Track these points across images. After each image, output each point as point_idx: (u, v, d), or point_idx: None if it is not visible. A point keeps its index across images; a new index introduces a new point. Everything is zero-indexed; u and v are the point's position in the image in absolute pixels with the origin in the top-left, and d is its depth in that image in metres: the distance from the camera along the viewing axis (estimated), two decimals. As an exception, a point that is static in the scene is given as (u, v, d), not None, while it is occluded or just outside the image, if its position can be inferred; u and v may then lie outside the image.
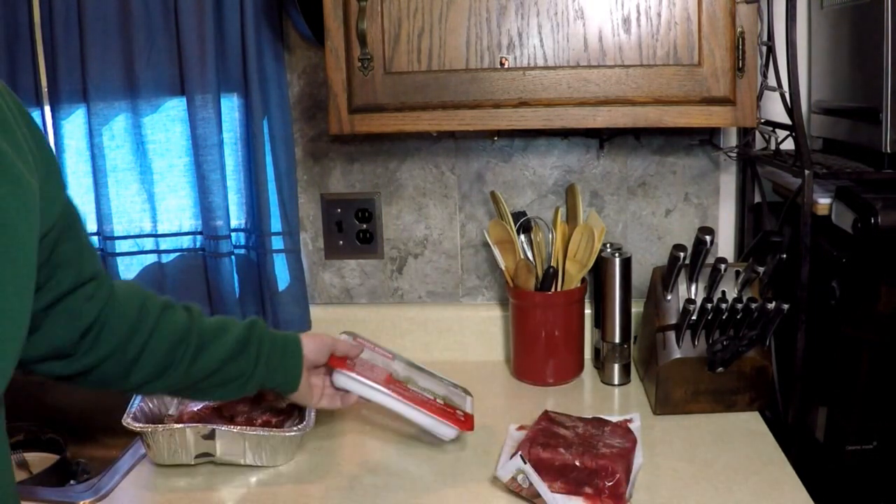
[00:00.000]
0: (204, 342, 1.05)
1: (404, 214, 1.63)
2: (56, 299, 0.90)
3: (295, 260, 1.60)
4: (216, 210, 1.54)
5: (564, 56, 1.21)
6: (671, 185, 1.57)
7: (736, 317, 1.22)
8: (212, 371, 1.06)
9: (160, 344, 1.01)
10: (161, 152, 1.58)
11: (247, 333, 1.09)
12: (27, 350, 0.85)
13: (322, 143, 1.61)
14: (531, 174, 1.59)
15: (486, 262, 1.64)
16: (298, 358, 1.14)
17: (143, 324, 1.00)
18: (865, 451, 1.23)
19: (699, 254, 1.26)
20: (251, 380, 1.10)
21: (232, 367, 1.07)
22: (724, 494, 1.09)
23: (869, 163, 1.21)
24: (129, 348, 0.99)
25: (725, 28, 1.17)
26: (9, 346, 0.69)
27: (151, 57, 1.51)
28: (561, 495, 1.08)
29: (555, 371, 1.47)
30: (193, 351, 1.04)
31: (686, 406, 1.31)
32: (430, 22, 1.21)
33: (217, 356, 1.06)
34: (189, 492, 1.15)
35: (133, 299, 1.01)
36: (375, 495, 1.13)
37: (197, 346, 1.04)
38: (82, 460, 1.56)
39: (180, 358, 1.03)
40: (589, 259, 1.43)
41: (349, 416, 1.39)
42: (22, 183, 0.71)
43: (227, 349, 1.06)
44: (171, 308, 1.05)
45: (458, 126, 1.25)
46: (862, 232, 1.13)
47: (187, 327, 1.04)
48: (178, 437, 1.18)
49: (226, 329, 1.08)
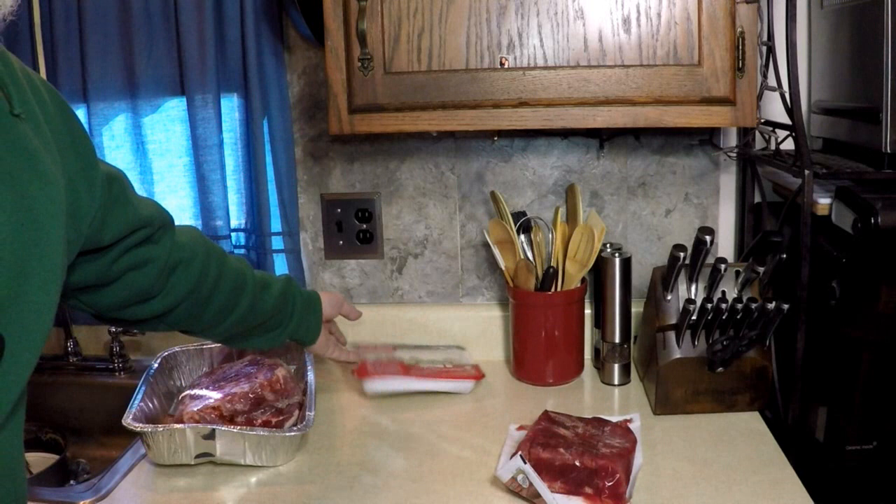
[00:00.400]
0: (258, 290, 1.16)
1: (404, 214, 1.63)
2: (120, 254, 0.96)
3: (295, 260, 1.60)
4: (216, 210, 1.55)
5: (564, 56, 1.21)
6: (671, 185, 1.57)
7: (736, 317, 1.22)
8: (264, 318, 1.19)
9: (226, 285, 1.11)
10: (161, 152, 1.58)
11: (286, 287, 1.22)
12: (109, 298, 0.97)
13: (322, 143, 1.61)
14: (531, 174, 1.59)
15: (486, 262, 1.63)
16: (319, 313, 1.29)
17: (211, 266, 1.09)
18: (865, 451, 1.23)
19: (699, 254, 1.26)
20: (286, 330, 1.24)
21: (276, 317, 1.21)
22: (724, 494, 1.09)
23: (869, 163, 1.21)
24: (203, 288, 1.08)
25: (725, 28, 1.17)
26: (33, 338, 0.72)
27: (151, 57, 1.51)
28: (561, 495, 1.08)
29: (555, 371, 1.47)
30: (251, 297, 1.15)
31: (686, 406, 1.31)
32: (430, 22, 1.21)
33: (268, 304, 1.18)
34: (189, 492, 1.15)
35: (197, 244, 1.08)
36: (375, 495, 1.13)
37: (253, 293, 1.15)
38: (82, 460, 1.56)
39: (240, 302, 1.14)
40: (589, 259, 1.43)
41: (349, 416, 1.40)
42: (51, 180, 0.74)
43: (274, 299, 1.19)
44: (227, 255, 1.14)
45: (458, 126, 1.25)
46: (862, 232, 1.13)
47: (244, 274, 1.15)
48: (178, 437, 1.18)
49: (270, 281, 1.20)
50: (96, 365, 1.64)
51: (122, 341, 1.62)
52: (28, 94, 0.77)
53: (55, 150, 0.78)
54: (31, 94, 0.77)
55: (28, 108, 0.75)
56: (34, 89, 0.79)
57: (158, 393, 1.35)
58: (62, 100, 0.84)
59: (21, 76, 0.77)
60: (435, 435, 1.30)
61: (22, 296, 0.70)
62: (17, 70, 0.77)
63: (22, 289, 0.69)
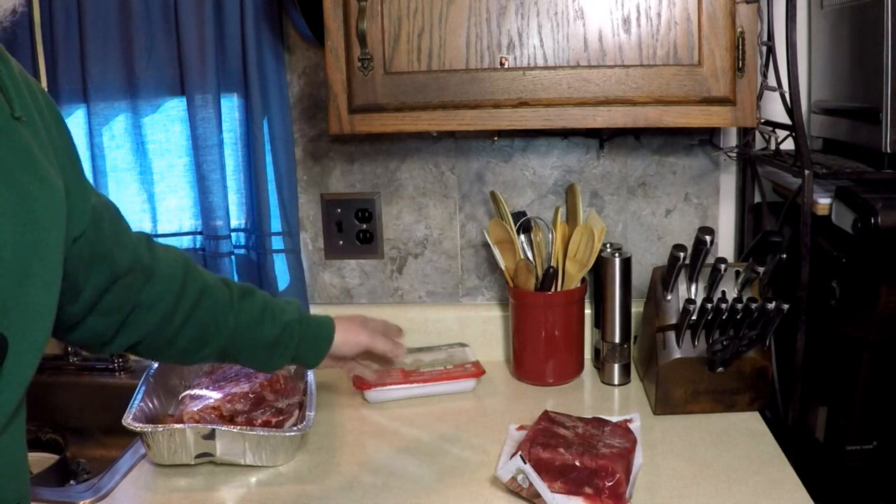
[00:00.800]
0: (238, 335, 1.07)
1: (404, 214, 1.63)
2: (97, 298, 0.92)
3: (295, 260, 1.60)
4: (216, 210, 1.54)
5: (564, 56, 1.21)
6: (671, 185, 1.57)
7: (736, 317, 1.22)
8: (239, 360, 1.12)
9: (194, 328, 1.04)
10: (161, 152, 1.58)
11: (280, 336, 1.11)
12: (66, 335, 0.92)
13: (322, 143, 1.61)
14: (531, 174, 1.59)
15: (486, 262, 1.63)
16: (325, 349, 1.17)
17: (181, 308, 1.02)
18: (865, 451, 1.23)
19: (699, 254, 1.26)
20: (273, 366, 1.15)
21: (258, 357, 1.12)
22: (724, 494, 1.09)
23: (869, 163, 1.21)
24: (166, 330, 1.02)
25: (725, 28, 1.17)
26: (35, 339, 0.72)
27: (151, 57, 1.51)
28: (561, 495, 1.08)
29: (555, 371, 1.47)
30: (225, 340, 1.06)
31: (686, 406, 1.31)
32: (430, 22, 1.21)
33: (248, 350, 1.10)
34: (189, 492, 1.15)
35: (173, 283, 1.01)
36: (375, 495, 1.13)
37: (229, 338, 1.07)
38: (82, 460, 1.55)
39: (212, 341, 1.06)
40: (589, 259, 1.43)
41: (349, 415, 1.40)
42: (51, 183, 0.75)
43: (255, 348, 1.10)
44: (211, 292, 1.05)
45: (458, 126, 1.25)
46: (862, 232, 1.13)
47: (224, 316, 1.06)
48: (178, 437, 1.18)
49: (262, 326, 1.09)
50: (96, 365, 1.64)
51: (122, 341, 1.62)
52: (27, 97, 0.77)
53: (52, 155, 0.78)
54: (30, 99, 0.78)
55: (28, 112, 0.76)
56: (32, 94, 0.79)
57: (158, 393, 1.35)
58: (57, 108, 0.85)
59: (20, 80, 0.78)
60: (435, 435, 1.30)
61: (24, 297, 0.70)
62: (16, 73, 0.78)
63: (24, 290, 0.70)
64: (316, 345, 1.16)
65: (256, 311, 1.09)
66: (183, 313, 1.02)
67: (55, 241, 0.74)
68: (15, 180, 0.70)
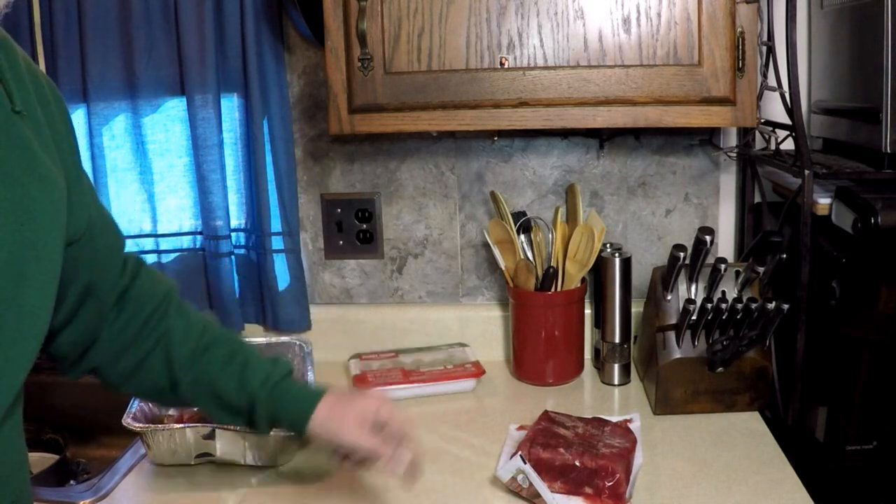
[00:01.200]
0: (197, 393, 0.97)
1: (404, 214, 1.63)
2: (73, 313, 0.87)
3: (295, 260, 1.60)
4: (216, 210, 1.54)
5: (564, 56, 1.21)
6: (671, 185, 1.56)
7: (736, 317, 1.22)
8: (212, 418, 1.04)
9: (149, 376, 0.96)
10: (161, 152, 1.58)
11: (245, 405, 0.98)
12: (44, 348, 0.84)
13: (322, 143, 1.61)
14: (531, 174, 1.59)
15: (486, 262, 1.63)
16: (299, 431, 1.00)
17: (138, 347, 0.94)
18: (865, 451, 1.23)
19: (699, 254, 1.26)
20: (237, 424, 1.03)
21: (222, 417, 1.02)
22: (724, 494, 1.09)
23: (869, 163, 1.21)
24: (119, 367, 0.95)
25: (725, 28, 1.17)
26: (28, 342, 0.71)
27: (151, 57, 1.51)
28: (561, 495, 1.08)
29: (555, 371, 1.47)
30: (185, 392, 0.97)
31: (686, 406, 1.31)
32: (430, 22, 1.21)
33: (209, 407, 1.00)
34: (189, 492, 1.15)
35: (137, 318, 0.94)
36: (375, 495, 1.13)
37: (188, 391, 0.97)
38: (82, 460, 1.55)
39: (167, 393, 0.97)
40: (589, 259, 1.43)
41: (349, 416, 1.39)
42: (52, 181, 0.72)
43: (217, 411, 0.99)
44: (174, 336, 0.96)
45: (458, 126, 1.25)
46: (862, 232, 1.13)
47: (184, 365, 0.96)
48: (178, 437, 1.18)
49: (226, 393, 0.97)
50: (96, 365, 1.63)
51: (122, 341, 1.62)
52: (30, 90, 0.74)
53: (55, 151, 0.76)
54: (34, 91, 0.75)
55: (29, 106, 0.73)
56: (38, 86, 0.76)
57: (158, 393, 1.35)
58: (65, 103, 0.82)
59: (24, 71, 0.74)
60: (435, 435, 1.30)
61: (18, 299, 0.68)
62: (20, 64, 0.74)
63: (19, 292, 0.68)
64: (291, 420, 1.00)
65: (216, 365, 0.97)
66: (138, 354, 0.95)
67: (53, 242, 0.73)
68: (13, 179, 0.68)
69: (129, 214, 1.60)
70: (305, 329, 1.63)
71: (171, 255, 1.63)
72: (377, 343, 1.62)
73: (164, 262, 1.63)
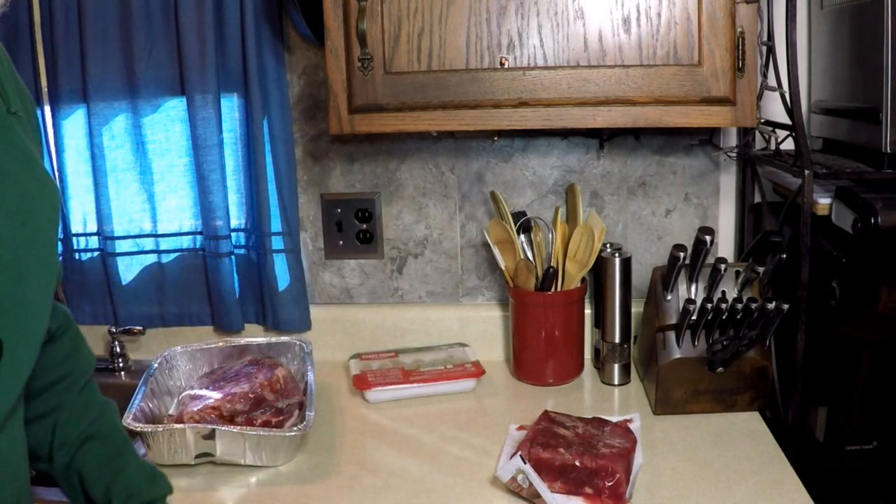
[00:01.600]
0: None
1: (404, 214, 1.63)
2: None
3: (295, 260, 1.60)
4: (216, 210, 1.54)
5: (564, 56, 1.21)
6: (671, 185, 1.57)
7: (736, 317, 1.22)
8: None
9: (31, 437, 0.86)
10: (161, 152, 1.58)
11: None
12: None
13: (322, 143, 1.61)
14: (531, 174, 1.59)
15: (486, 262, 1.63)
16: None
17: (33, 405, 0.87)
18: (865, 451, 1.23)
19: (699, 254, 1.26)
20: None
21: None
22: (724, 494, 1.09)
23: (869, 163, 1.21)
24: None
25: (725, 28, 1.17)
26: (31, 339, 0.72)
27: (151, 57, 1.51)
28: (561, 495, 1.08)
29: (555, 371, 1.47)
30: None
31: (686, 406, 1.31)
32: (430, 22, 1.21)
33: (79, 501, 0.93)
34: (189, 492, 1.15)
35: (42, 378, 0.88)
36: (375, 495, 1.13)
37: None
38: (82, 460, 1.55)
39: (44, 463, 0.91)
40: (589, 259, 1.43)
41: (349, 416, 1.40)
42: (47, 181, 0.74)
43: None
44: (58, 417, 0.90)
45: (458, 126, 1.25)
46: (862, 232, 1.13)
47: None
48: (178, 437, 1.18)
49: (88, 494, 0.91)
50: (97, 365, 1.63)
51: (122, 341, 1.62)
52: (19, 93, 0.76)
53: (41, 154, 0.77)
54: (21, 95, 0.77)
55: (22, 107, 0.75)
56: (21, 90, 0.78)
57: (158, 393, 1.35)
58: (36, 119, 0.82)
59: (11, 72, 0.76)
60: (435, 435, 1.30)
61: (20, 297, 0.69)
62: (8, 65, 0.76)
63: (20, 290, 0.69)
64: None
65: (93, 460, 0.92)
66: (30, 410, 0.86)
67: (51, 241, 0.74)
68: (13, 179, 0.69)
69: (129, 214, 1.60)
70: (305, 329, 1.63)
71: (172, 255, 1.63)
72: (377, 343, 1.62)
73: (164, 262, 1.63)
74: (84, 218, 1.62)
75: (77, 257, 1.63)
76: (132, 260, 1.62)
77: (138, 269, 1.63)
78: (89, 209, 1.60)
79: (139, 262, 1.63)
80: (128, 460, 0.94)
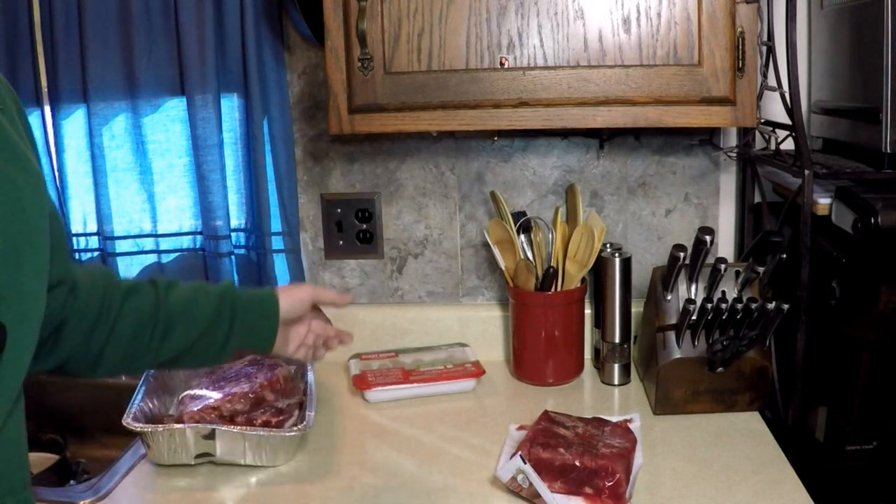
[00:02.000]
0: (173, 323, 1.00)
1: (404, 214, 1.63)
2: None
3: (295, 260, 1.60)
4: (216, 210, 1.55)
5: (564, 56, 1.21)
6: (671, 185, 1.57)
7: (736, 317, 1.22)
8: (182, 350, 1.02)
9: (124, 334, 0.98)
10: (161, 152, 1.58)
11: (218, 306, 1.03)
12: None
13: (322, 143, 1.61)
14: (531, 174, 1.59)
15: (486, 262, 1.63)
16: (274, 319, 1.08)
17: (105, 317, 0.96)
18: (865, 451, 1.23)
19: (699, 254, 1.26)
20: (224, 350, 1.05)
21: (203, 342, 1.03)
22: (724, 494, 1.09)
23: (869, 163, 1.21)
24: (92, 345, 0.96)
25: (725, 28, 1.17)
26: (31, 326, 0.73)
27: (151, 57, 1.51)
28: (561, 495, 1.08)
29: (555, 371, 1.47)
30: (161, 335, 1.00)
31: (686, 406, 1.31)
32: (430, 22, 1.21)
33: (187, 335, 1.02)
34: (189, 492, 1.15)
35: (94, 293, 0.96)
36: (375, 495, 1.13)
37: (165, 329, 1.00)
38: (82, 460, 1.55)
39: (146, 344, 0.99)
40: (589, 259, 1.43)
41: (349, 416, 1.40)
42: (33, 171, 0.75)
43: (197, 327, 1.02)
44: (135, 293, 1.00)
45: (458, 126, 1.25)
46: (862, 232, 1.13)
47: (152, 311, 0.99)
48: (178, 437, 1.18)
49: (195, 303, 1.02)
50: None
51: (122, 341, 1.62)
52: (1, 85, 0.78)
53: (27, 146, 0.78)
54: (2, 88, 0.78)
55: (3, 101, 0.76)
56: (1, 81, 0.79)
57: (158, 393, 1.35)
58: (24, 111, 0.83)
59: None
60: (435, 435, 1.30)
61: (18, 285, 0.71)
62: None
63: (18, 278, 0.71)
64: (262, 309, 1.06)
65: (187, 291, 1.03)
66: (110, 320, 0.97)
67: (42, 230, 0.75)
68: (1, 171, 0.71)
69: (129, 214, 1.60)
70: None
71: (171, 255, 1.63)
72: (377, 343, 1.62)
73: (164, 262, 1.63)
74: (84, 218, 1.62)
75: (77, 257, 1.63)
76: (132, 260, 1.62)
77: (138, 269, 1.63)
78: (89, 209, 1.60)
79: (139, 262, 1.63)
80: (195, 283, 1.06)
